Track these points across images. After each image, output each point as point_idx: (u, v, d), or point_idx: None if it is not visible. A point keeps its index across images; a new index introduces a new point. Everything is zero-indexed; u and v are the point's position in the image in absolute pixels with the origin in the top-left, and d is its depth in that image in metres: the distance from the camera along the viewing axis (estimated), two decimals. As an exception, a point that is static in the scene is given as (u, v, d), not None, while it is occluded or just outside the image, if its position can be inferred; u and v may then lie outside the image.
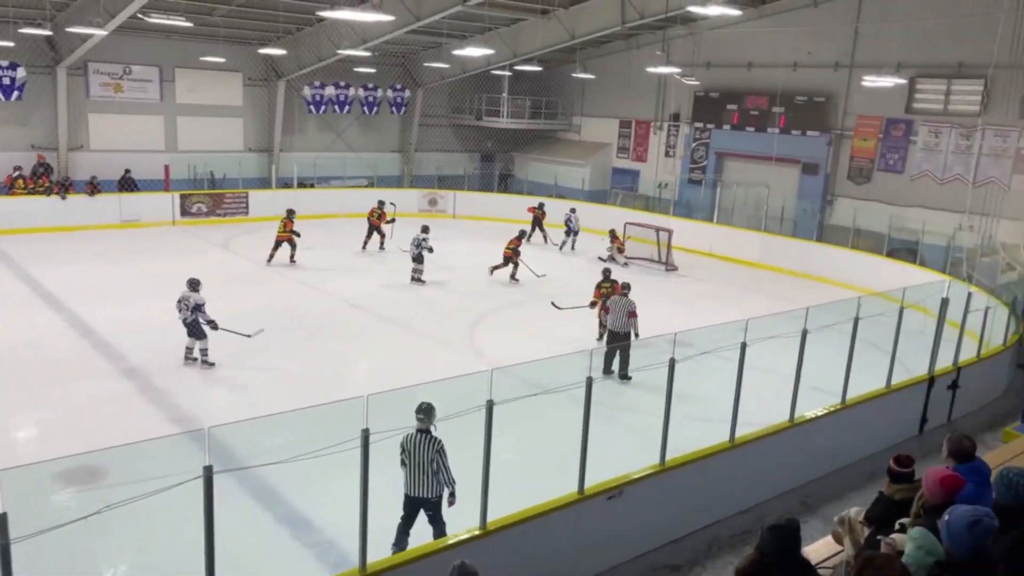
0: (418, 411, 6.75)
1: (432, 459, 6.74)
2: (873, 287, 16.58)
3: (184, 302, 12.01)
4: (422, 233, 18.39)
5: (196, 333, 12.10)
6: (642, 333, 12.25)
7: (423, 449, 6.75)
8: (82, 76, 24.70)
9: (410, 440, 6.80)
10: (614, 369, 12.04)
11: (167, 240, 21.82)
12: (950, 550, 3.60)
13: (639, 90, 29.91)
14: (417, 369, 12.30)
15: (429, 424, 6.78)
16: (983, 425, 11.70)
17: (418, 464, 6.78)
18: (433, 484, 6.82)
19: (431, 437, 6.78)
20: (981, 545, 3.51)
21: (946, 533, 3.60)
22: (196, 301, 11.98)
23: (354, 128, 31.13)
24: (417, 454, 6.76)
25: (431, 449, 6.74)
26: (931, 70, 22.14)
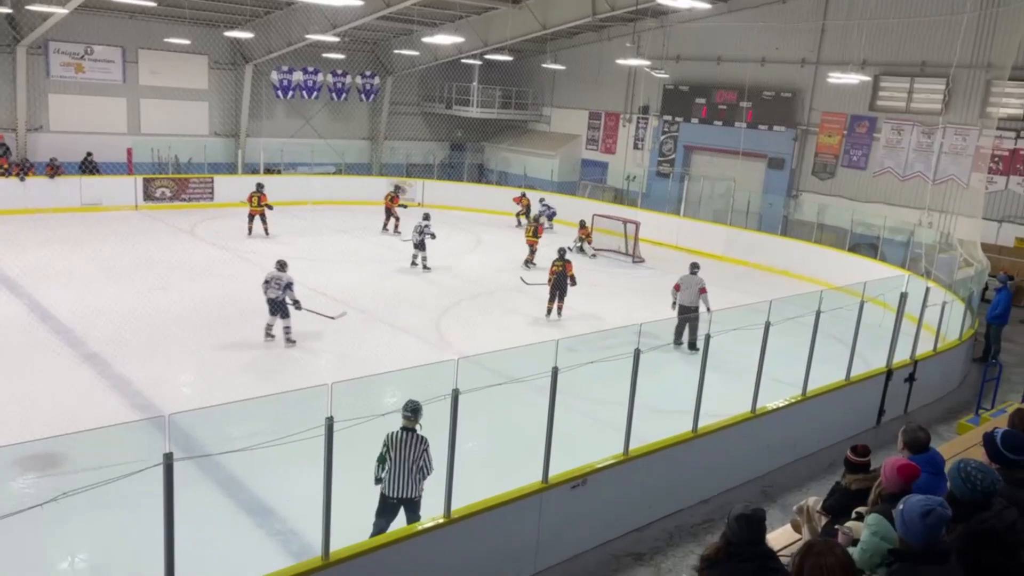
0: (405, 409, 6.65)
1: (418, 457, 6.66)
2: (835, 281, 16.87)
3: (275, 281, 12.50)
4: (424, 220, 18.66)
5: (281, 311, 12.55)
6: (608, 325, 12.36)
7: (409, 448, 6.63)
8: (42, 55, 24.11)
9: (395, 438, 6.67)
10: (683, 340, 13.12)
11: (130, 224, 21.44)
12: (904, 538, 3.68)
13: (609, 82, 30.01)
14: (383, 358, 12.26)
15: (416, 423, 6.68)
16: (938, 417, 11.99)
17: (403, 463, 6.66)
18: (417, 483, 6.75)
19: (418, 436, 6.68)
20: (934, 534, 3.60)
21: (900, 522, 3.68)
22: (288, 280, 12.52)
23: (323, 114, 30.82)
24: (403, 452, 6.64)
25: (418, 448, 6.65)
26: (895, 68, 22.53)
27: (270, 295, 12.56)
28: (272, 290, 12.53)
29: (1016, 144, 20.29)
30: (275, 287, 12.51)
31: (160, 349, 12.21)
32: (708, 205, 25.55)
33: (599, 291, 18.17)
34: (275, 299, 12.54)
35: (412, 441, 6.65)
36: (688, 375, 8.60)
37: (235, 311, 14.28)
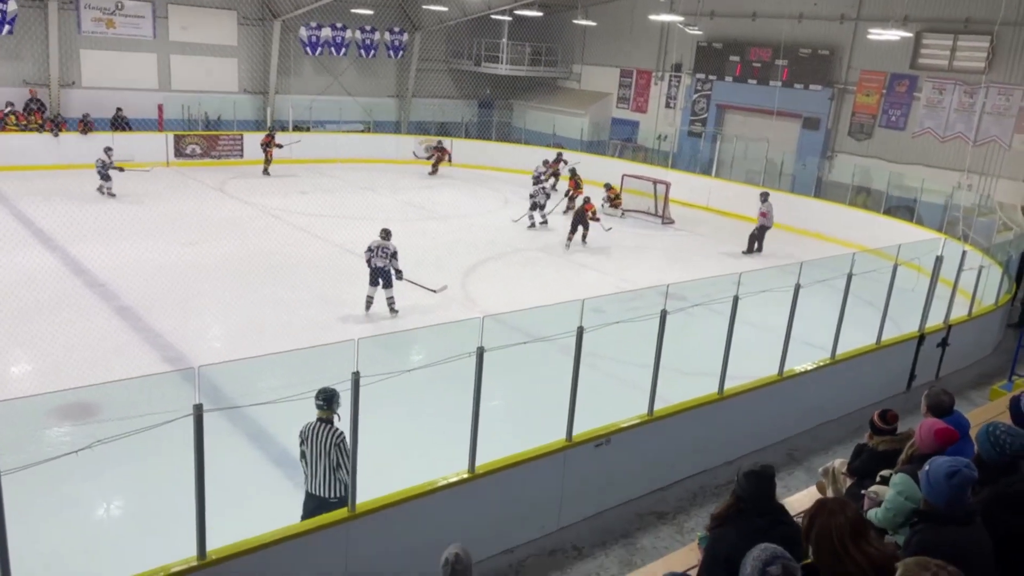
0: (318, 397, 6.07)
1: (330, 452, 6.06)
2: (869, 244, 16.58)
3: (382, 249, 12.25)
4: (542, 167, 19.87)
5: (385, 280, 12.35)
6: (635, 285, 12.37)
7: (323, 441, 6.09)
8: (73, 11, 24.17)
9: (309, 430, 6.15)
10: None
11: (161, 181, 21.61)
12: (928, 499, 3.65)
13: (641, 39, 29.42)
14: (408, 316, 12.33)
15: (331, 413, 6.14)
16: (971, 383, 11.83)
17: (318, 458, 6.12)
18: (333, 482, 6.14)
19: (331, 428, 6.10)
20: (959, 495, 3.57)
21: (925, 482, 3.66)
22: (394, 248, 12.26)
23: (351, 71, 30.65)
24: (317, 446, 6.11)
25: (329, 442, 6.06)
26: (937, 24, 21.79)
27: (377, 264, 12.28)
28: (379, 259, 12.26)
29: (1062, 104, 19.64)
30: (381, 256, 12.25)
31: (191, 304, 12.38)
32: (741, 166, 25.14)
33: (627, 252, 18.07)
34: (382, 268, 12.28)
35: (325, 433, 6.08)
36: (715, 337, 8.53)
37: (264, 267, 14.41)
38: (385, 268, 12.31)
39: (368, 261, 12.34)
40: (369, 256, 12.34)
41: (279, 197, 20.41)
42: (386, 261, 12.28)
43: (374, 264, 12.30)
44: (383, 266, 12.30)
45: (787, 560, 2.97)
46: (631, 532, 7.44)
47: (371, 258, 12.31)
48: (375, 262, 12.29)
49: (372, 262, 12.31)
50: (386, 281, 12.40)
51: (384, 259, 12.27)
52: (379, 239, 12.42)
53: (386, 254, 12.28)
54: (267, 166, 23.54)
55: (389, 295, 12.50)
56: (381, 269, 12.32)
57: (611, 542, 7.26)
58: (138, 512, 7.47)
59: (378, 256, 12.28)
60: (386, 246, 12.31)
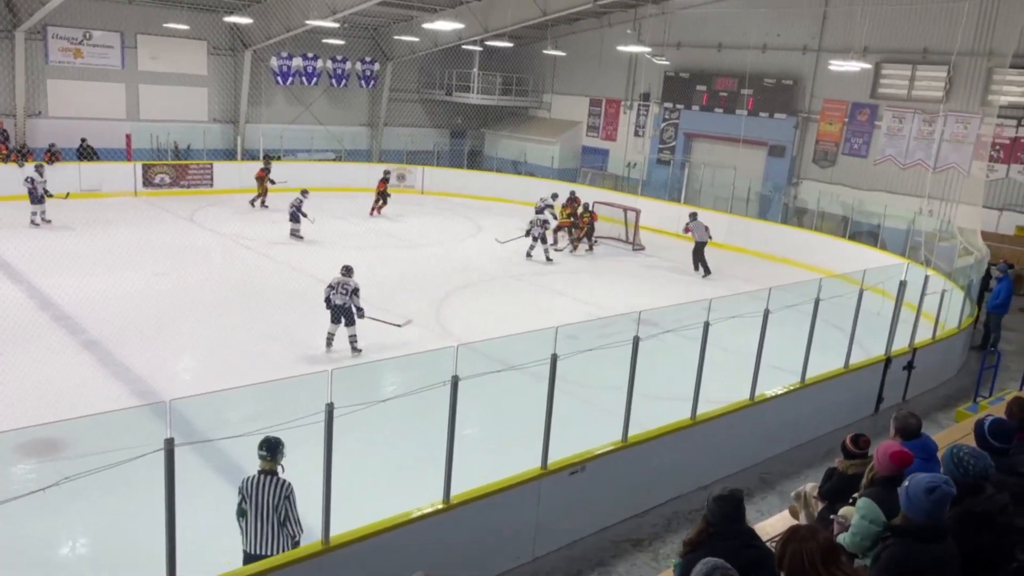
0: (261, 447, 5.67)
1: (277, 506, 5.65)
2: (835, 269, 16.87)
3: (342, 286, 11.93)
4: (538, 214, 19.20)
5: (347, 318, 12.03)
6: (608, 312, 12.42)
7: (267, 494, 5.63)
8: (41, 40, 24.03)
9: (251, 484, 5.69)
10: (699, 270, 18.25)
11: (129, 211, 21.41)
12: (907, 514, 3.73)
13: (610, 69, 29.89)
14: (383, 345, 12.29)
15: (275, 464, 5.72)
16: (937, 405, 12.02)
17: (261, 513, 5.66)
18: (280, 538, 5.72)
19: (277, 479, 5.68)
20: (938, 510, 3.66)
21: (904, 498, 3.74)
22: (355, 285, 11.99)
23: (322, 101, 30.72)
24: (260, 501, 5.65)
25: (277, 494, 5.64)
26: (896, 55, 22.44)
27: (336, 301, 11.93)
28: (339, 296, 11.92)
29: (1017, 132, 20.23)
30: (342, 293, 11.91)
31: (160, 335, 12.23)
32: (709, 193, 25.50)
33: (599, 278, 18.20)
34: (342, 305, 11.92)
35: (270, 486, 5.65)
36: (687, 362, 8.62)
37: (234, 296, 14.32)
38: (345, 305, 11.96)
39: (327, 299, 12.00)
40: (329, 293, 12.00)
41: (249, 226, 20.31)
42: (346, 298, 11.93)
43: (334, 301, 11.96)
44: (343, 303, 11.95)
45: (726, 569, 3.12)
46: (607, 560, 7.43)
47: (331, 295, 11.97)
48: (335, 299, 11.95)
49: (332, 299, 11.97)
50: (348, 319, 12.05)
51: (344, 296, 11.93)
52: (340, 276, 12.10)
53: (346, 291, 11.94)
54: (261, 199, 23.07)
55: (351, 333, 12.13)
56: (341, 306, 11.98)
57: (587, 571, 7.25)
58: (106, 551, 7.31)
59: (338, 293, 11.94)
60: (347, 283, 11.99)
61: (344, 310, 12.00)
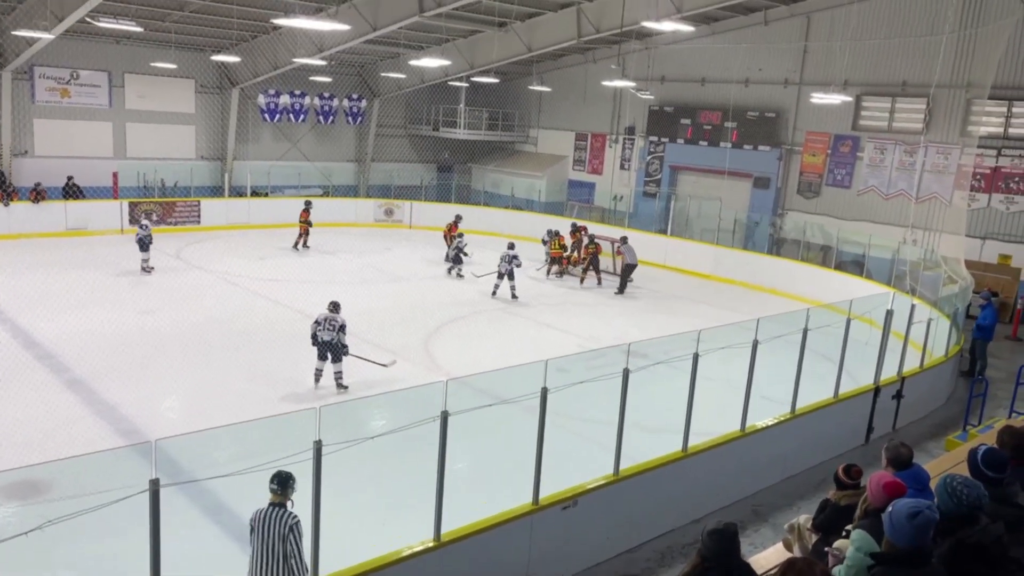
0: (272, 481, 5.66)
1: (285, 538, 5.57)
2: (821, 299, 16.95)
3: (329, 322, 11.84)
4: (510, 250, 18.59)
5: (334, 354, 11.90)
6: (597, 344, 12.43)
7: (275, 526, 5.58)
8: (27, 80, 24.09)
9: (260, 516, 5.66)
10: None
11: (115, 249, 21.29)
12: (891, 540, 3.71)
13: (595, 103, 30.23)
14: (371, 381, 12.21)
15: (286, 498, 5.68)
16: (927, 434, 12.02)
17: (268, 546, 5.58)
18: (283, 572, 5.61)
19: (285, 513, 5.63)
20: (922, 536, 3.64)
21: (888, 525, 3.72)
22: (341, 321, 11.93)
23: (309, 137, 30.86)
24: (267, 533, 5.59)
25: (283, 526, 5.57)
26: (876, 88, 22.82)
27: (324, 337, 11.82)
28: (326, 332, 11.82)
29: (997, 162, 20.55)
30: (329, 329, 11.82)
31: (145, 373, 12.11)
32: (695, 224, 25.68)
33: (588, 310, 18.21)
34: (330, 341, 11.81)
35: (278, 518, 5.59)
36: (677, 393, 8.60)
37: (221, 333, 14.23)
38: (333, 341, 11.84)
39: (314, 335, 11.88)
40: (315, 329, 11.88)
41: (237, 263, 20.25)
42: (333, 334, 11.81)
43: (321, 338, 11.85)
44: (330, 339, 11.83)
45: None
46: (600, 596, 7.34)
47: (317, 331, 11.86)
48: (322, 335, 11.84)
49: (319, 335, 11.85)
50: (335, 355, 11.93)
51: (331, 332, 11.81)
52: (327, 312, 12.00)
53: (333, 327, 11.84)
54: (302, 240, 23.00)
55: (337, 370, 12.00)
56: (329, 343, 11.86)
57: (580, 607, 7.15)
58: (89, 594, 7.16)
59: (325, 329, 11.83)
60: (334, 319, 11.90)
61: (332, 346, 11.91)
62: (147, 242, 19.02)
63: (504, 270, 18.42)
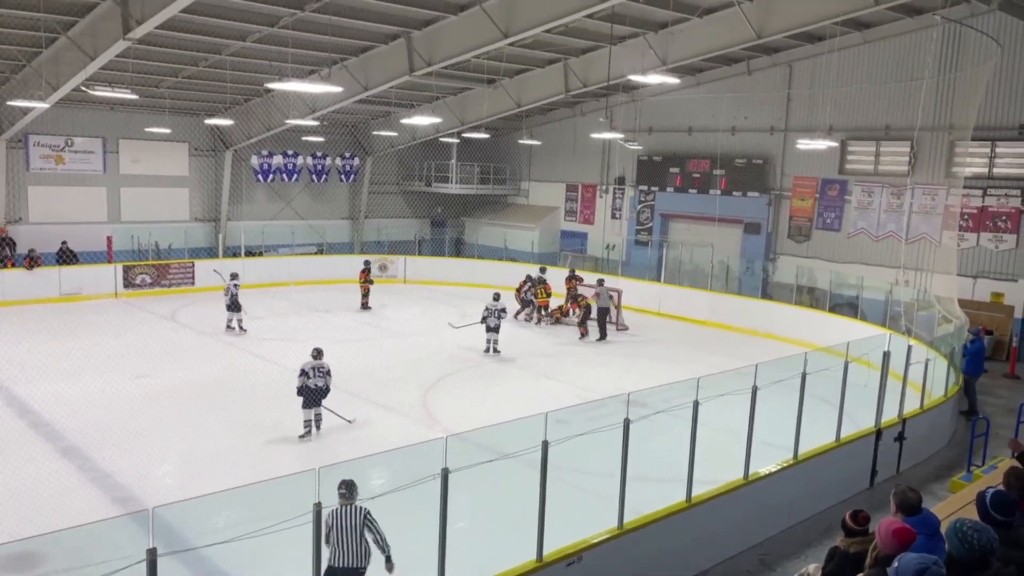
0: (340, 487, 6.73)
1: (360, 527, 6.72)
2: (817, 342, 16.96)
3: (318, 370, 12.19)
4: (494, 301, 18.38)
5: (319, 401, 12.22)
6: (595, 394, 12.37)
7: (350, 519, 6.73)
8: (22, 149, 24.33)
9: (334, 515, 6.73)
10: None
11: (109, 313, 21.27)
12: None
13: (584, 155, 30.65)
14: (369, 438, 12.09)
15: (352, 500, 6.76)
16: (931, 476, 11.93)
17: (346, 535, 6.71)
18: (361, 553, 6.77)
19: (356, 507, 6.77)
20: None
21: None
22: (328, 367, 12.30)
23: (303, 196, 31.12)
24: (344, 525, 6.71)
25: (358, 519, 6.74)
26: (860, 133, 23.21)
27: (317, 383, 12.17)
28: (319, 378, 12.20)
29: (983, 201, 20.81)
30: (320, 375, 12.22)
31: (141, 439, 11.97)
32: (688, 271, 25.82)
33: (585, 359, 18.16)
34: (323, 387, 12.22)
35: (351, 513, 6.76)
36: (678, 441, 8.54)
37: (217, 395, 14.12)
38: (325, 387, 12.22)
39: (303, 385, 12.10)
40: (305, 380, 12.10)
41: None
42: (325, 379, 12.23)
43: (315, 384, 12.14)
44: (323, 385, 12.21)
45: None
46: (609, 655, 7.17)
47: (307, 381, 12.10)
48: (317, 382, 12.15)
49: (311, 383, 12.11)
50: (320, 401, 12.28)
51: (323, 377, 12.22)
52: (312, 360, 12.29)
53: (322, 373, 12.24)
54: (365, 299, 23.10)
55: (317, 411, 12.33)
56: (323, 388, 12.22)
57: (589, 667, 6.98)
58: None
59: (317, 376, 12.16)
60: (321, 365, 12.28)
61: (324, 392, 12.21)
62: (236, 301, 19.25)
63: (493, 324, 18.16)
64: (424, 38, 20.20)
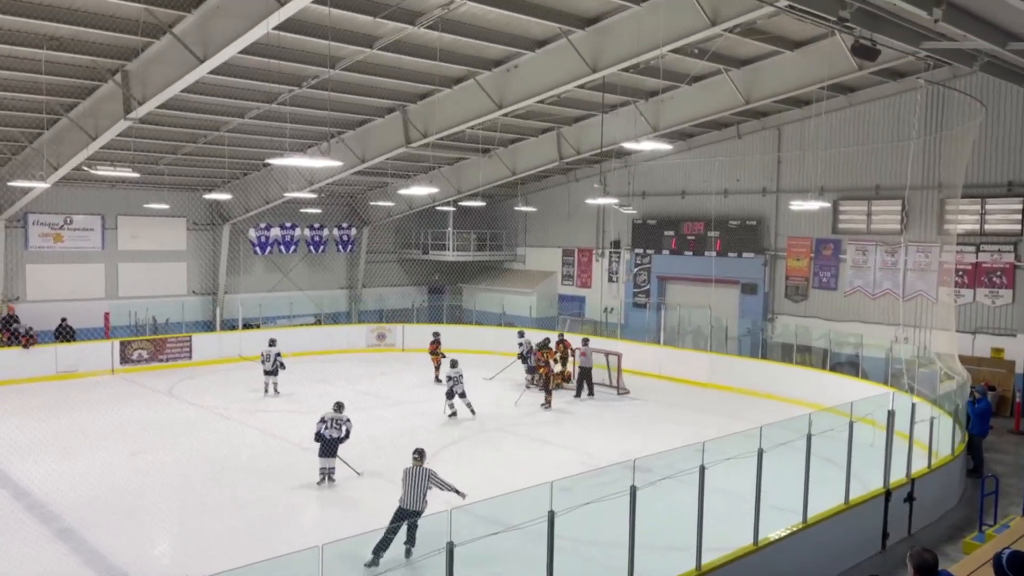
0: (414, 453, 10.42)
1: (425, 483, 9.96)
2: (820, 401, 16.85)
3: (335, 422, 13.04)
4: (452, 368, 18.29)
5: (335, 452, 13.11)
6: (599, 460, 12.26)
7: (418, 475, 10.04)
8: (21, 228, 24.51)
9: (407, 472, 10.14)
10: None
11: (106, 390, 21.10)
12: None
13: (579, 219, 30.98)
14: (373, 511, 11.87)
15: (422, 463, 10.24)
16: (943, 537, 11.70)
17: (413, 485, 9.97)
18: (420, 500, 9.89)
19: (423, 469, 10.14)
20: None
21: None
22: (346, 419, 13.23)
23: (301, 267, 31.27)
24: (413, 478, 10.01)
25: (424, 476, 10.04)
26: (852, 193, 23.52)
27: (332, 434, 12.99)
28: (335, 429, 13.04)
29: (977, 257, 20.96)
30: (335, 428, 13.06)
31: (137, 518, 11.76)
32: (687, 332, 25.80)
33: (587, 424, 17.99)
34: (338, 439, 13.05)
35: (419, 472, 10.07)
36: (684, 507, 8.40)
37: (214, 470, 13.94)
38: (340, 438, 13.04)
39: (319, 433, 12.96)
40: (321, 428, 12.98)
41: (230, 398, 20.06)
42: (340, 432, 13.05)
43: (330, 435, 12.95)
44: (338, 437, 13.03)
45: None
46: None
47: (322, 429, 12.97)
48: (330, 433, 12.95)
49: (326, 434, 12.94)
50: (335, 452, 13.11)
51: (339, 431, 13.04)
52: (332, 412, 13.19)
53: (339, 426, 13.08)
54: (438, 372, 22.29)
55: (331, 465, 13.14)
56: (338, 439, 13.04)
57: None
58: None
59: (332, 428, 12.99)
60: (340, 418, 13.13)
61: (337, 442, 13.07)
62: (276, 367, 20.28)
63: (459, 391, 18.07)
64: (420, 110, 20.64)
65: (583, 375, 20.80)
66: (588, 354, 20.85)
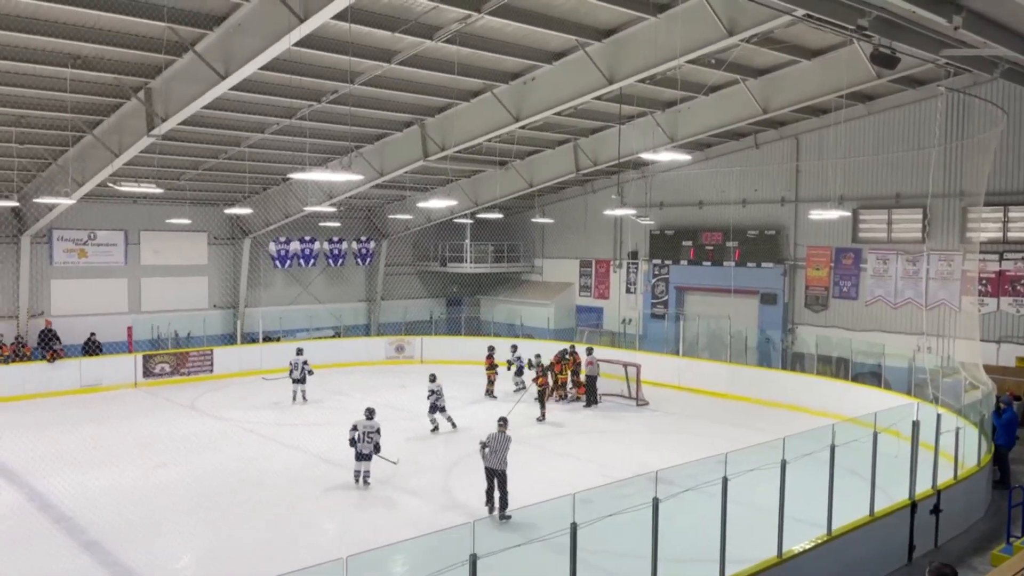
0: (499, 420, 12.36)
1: (508, 446, 11.92)
2: (842, 412, 16.71)
3: (367, 434, 13.71)
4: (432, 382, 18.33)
5: (369, 456, 13.78)
6: (618, 471, 12.27)
7: (501, 441, 11.97)
8: (46, 243, 24.84)
9: (492, 437, 11.98)
10: None
11: (129, 403, 21.30)
12: None
13: (596, 231, 30.97)
14: (393, 524, 11.90)
15: (505, 430, 12.17)
16: (970, 549, 11.54)
17: (499, 448, 11.88)
18: (505, 461, 11.77)
19: (507, 434, 12.11)
20: None
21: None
22: (377, 426, 13.93)
23: (320, 280, 31.46)
24: (500, 443, 11.96)
25: (506, 441, 12.01)
26: (871, 202, 23.37)
27: (363, 450, 13.67)
28: (366, 444, 13.68)
29: (1000, 266, 20.74)
30: (368, 441, 13.71)
31: (162, 531, 11.85)
32: (706, 343, 25.67)
33: (606, 436, 17.92)
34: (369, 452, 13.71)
35: (502, 437, 12.04)
36: (706, 519, 8.35)
37: (237, 483, 14.02)
38: (373, 444, 13.68)
39: (352, 439, 13.69)
40: (353, 434, 13.69)
41: (251, 410, 20.19)
42: (377, 437, 13.73)
43: (360, 450, 13.63)
44: (369, 451, 13.66)
45: None
46: None
47: (354, 435, 13.68)
48: (361, 448, 13.62)
49: (360, 447, 13.62)
50: (370, 456, 13.73)
51: (370, 444, 13.66)
52: (364, 419, 13.88)
53: (370, 434, 13.71)
54: (490, 387, 22.33)
55: (367, 468, 13.78)
56: (368, 453, 13.68)
57: None
58: None
59: (364, 440, 13.65)
60: (370, 425, 13.80)
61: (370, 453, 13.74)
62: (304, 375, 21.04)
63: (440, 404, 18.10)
64: (438, 124, 20.77)
65: (590, 384, 21.11)
66: (594, 363, 21.21)
